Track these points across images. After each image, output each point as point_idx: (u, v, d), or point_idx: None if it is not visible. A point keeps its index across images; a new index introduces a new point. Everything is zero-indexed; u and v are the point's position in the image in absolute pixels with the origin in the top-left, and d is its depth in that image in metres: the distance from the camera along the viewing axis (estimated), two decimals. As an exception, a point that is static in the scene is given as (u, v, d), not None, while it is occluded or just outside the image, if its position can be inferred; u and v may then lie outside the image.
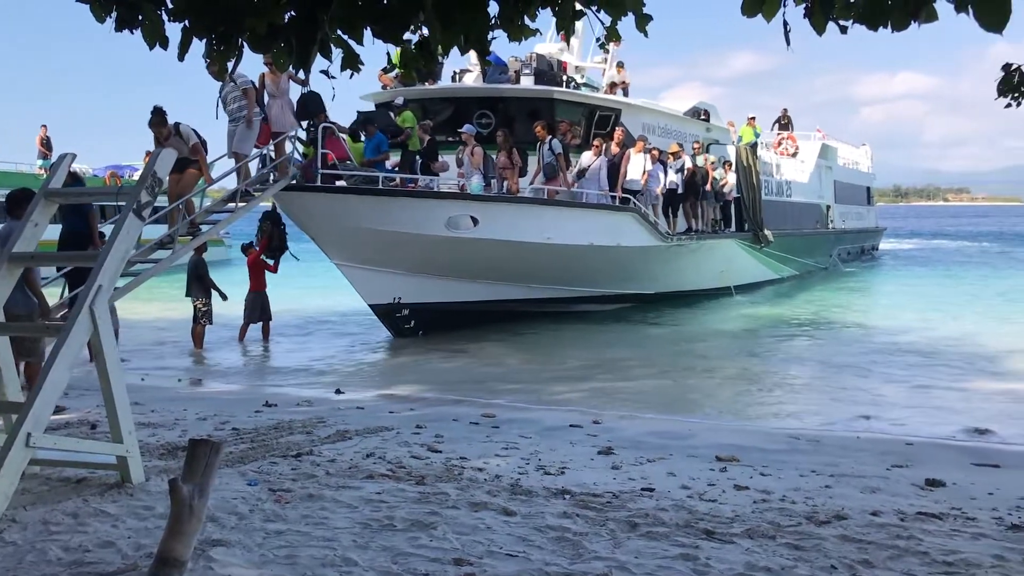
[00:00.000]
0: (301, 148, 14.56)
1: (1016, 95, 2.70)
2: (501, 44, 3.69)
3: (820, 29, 3.02)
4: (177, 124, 12.18)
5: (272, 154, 14.03)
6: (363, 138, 15.87)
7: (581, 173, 17.93)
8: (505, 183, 16.84)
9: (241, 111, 13.12)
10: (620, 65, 22.01)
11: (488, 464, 6.75)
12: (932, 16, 2.90)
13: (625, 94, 21.38)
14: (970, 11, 2.68)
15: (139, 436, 6.55)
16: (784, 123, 32.84)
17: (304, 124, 14.44)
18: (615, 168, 18.42)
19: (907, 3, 2.67)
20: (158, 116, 12.00)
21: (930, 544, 4.88)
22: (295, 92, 14.14)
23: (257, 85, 13.54)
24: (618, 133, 18.77)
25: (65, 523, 4.94)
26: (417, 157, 16.30)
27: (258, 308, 15.45)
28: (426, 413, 9.39)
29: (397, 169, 16.25)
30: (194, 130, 12.34)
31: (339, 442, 7.47)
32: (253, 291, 15.44)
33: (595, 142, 18.16)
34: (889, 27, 2.91)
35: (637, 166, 18.95)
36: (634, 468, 6.83)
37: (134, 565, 4.30)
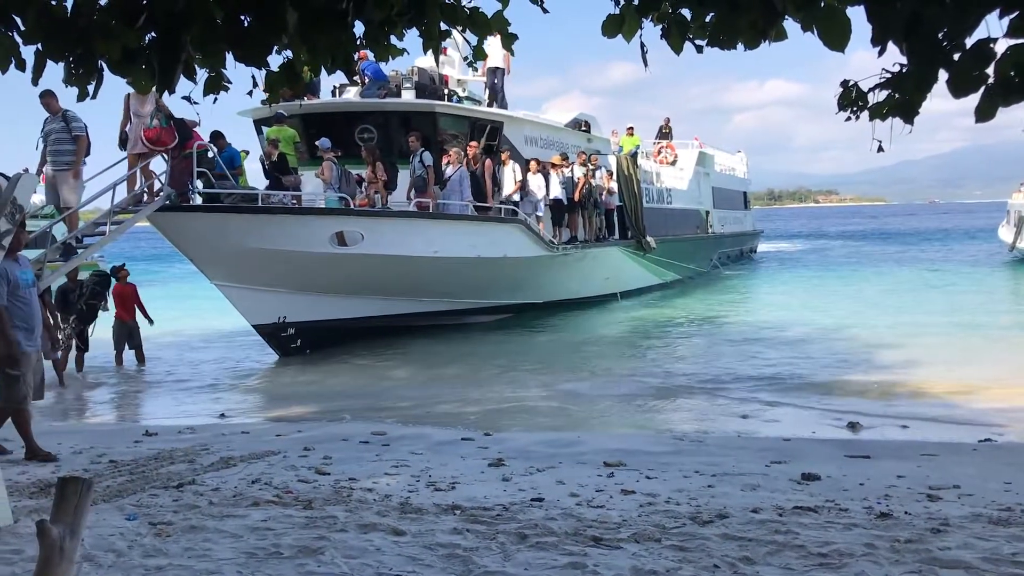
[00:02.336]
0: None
1: (854, 109, 2.85)
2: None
3: (677, 49, 3.13)
4: None
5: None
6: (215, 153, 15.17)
7: (443, 184, 17.81)
8: (381, 197, 16.70)
9: (68, 156, 11.96)
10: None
11: (378, 484, 6.68)
12: (782, 35, 3.04)
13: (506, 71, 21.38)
14: (815, 31, 2.82)
15: (8, 475, 6.25)
16: (666, 132, 33.79)
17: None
18: (477, 179, 18.29)
19: (755, 24, 2.80)
20: None
21: (806, 537, 5.08)
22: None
23: (123, 106, 13.08)
24: (471, 146, 18.60)
25: (-76, 573, 4.66)
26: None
27: (125, 336, 14.96)
28: (314, 434, 9.23)
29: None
30: (7, 177, 11.38)
31: (223, 469, 7.27)
32: (119, 320, 14.93)
33: (450, 152, 17.94)
34: (741, 46, 3.04)
35: (510, 178, 19.11)
36: (524, 479, 6.88)
37: (1, 613, 4.09)
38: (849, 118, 2.87)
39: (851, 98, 2.82)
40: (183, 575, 4.58)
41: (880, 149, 2.86)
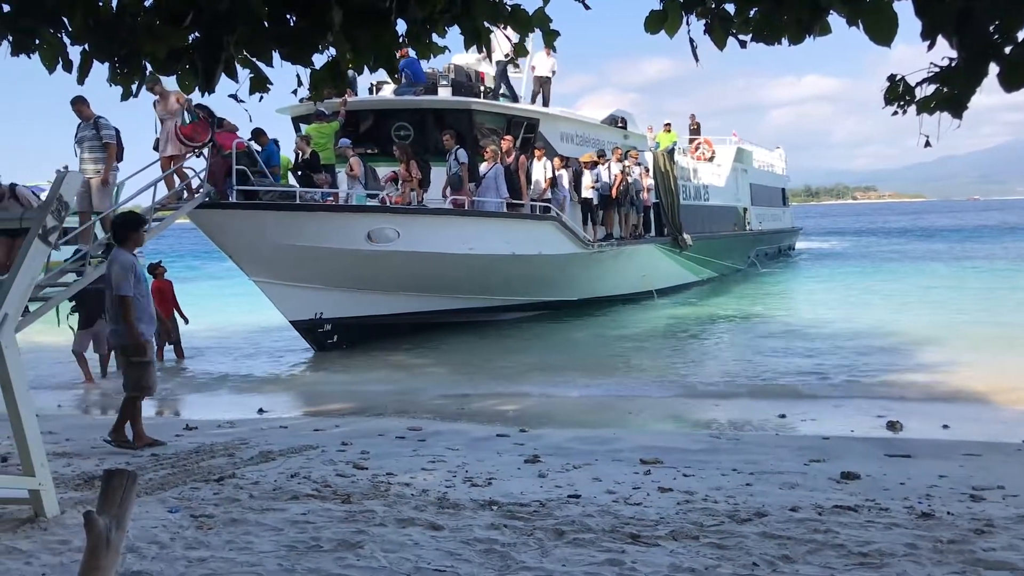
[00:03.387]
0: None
1: (901, 103, 2.82)
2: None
3: (720, 44, 3.11)
4: (13, 186, 11.16)
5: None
6: (256, 148, 15.13)
7: (478, 182, 17.73)
8: (417, 195, 16.77)
9: (100, 163, 11.85)
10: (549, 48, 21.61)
11: (415, 479, 6.72)
12: (826, 30, 3.01)
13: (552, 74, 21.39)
14: (860, 25, 2.79)
15: (53, 467, 6.35)
16: (694, 129, 33.50)
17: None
18: (511, 175, 18.11)
19: (800, 20, 2.78)
20: None
21: (846, 536, 5.02)
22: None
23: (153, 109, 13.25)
24: (505, 140, 18.44)
25: (-25, 562, 4.76)
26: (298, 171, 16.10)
27: (164, 332, 15.13)
28: (352, 429, 9.31)
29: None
30: (35, 194, 11.41)
31: (263, 463, 7.35)
32: (158, 316, 15.10)
33: (488, 149, 17.84)
34: (786, 41, 3.01)
35: (540, 174, 19.06)
36: (560, 475, 6.88)
37: (49, 602, 4.17)
38: (896, 112, 2.84)
39: (898, 93, 2.79)
40: (225, 567, 4.64)
41: (927, 144, 2.83)
